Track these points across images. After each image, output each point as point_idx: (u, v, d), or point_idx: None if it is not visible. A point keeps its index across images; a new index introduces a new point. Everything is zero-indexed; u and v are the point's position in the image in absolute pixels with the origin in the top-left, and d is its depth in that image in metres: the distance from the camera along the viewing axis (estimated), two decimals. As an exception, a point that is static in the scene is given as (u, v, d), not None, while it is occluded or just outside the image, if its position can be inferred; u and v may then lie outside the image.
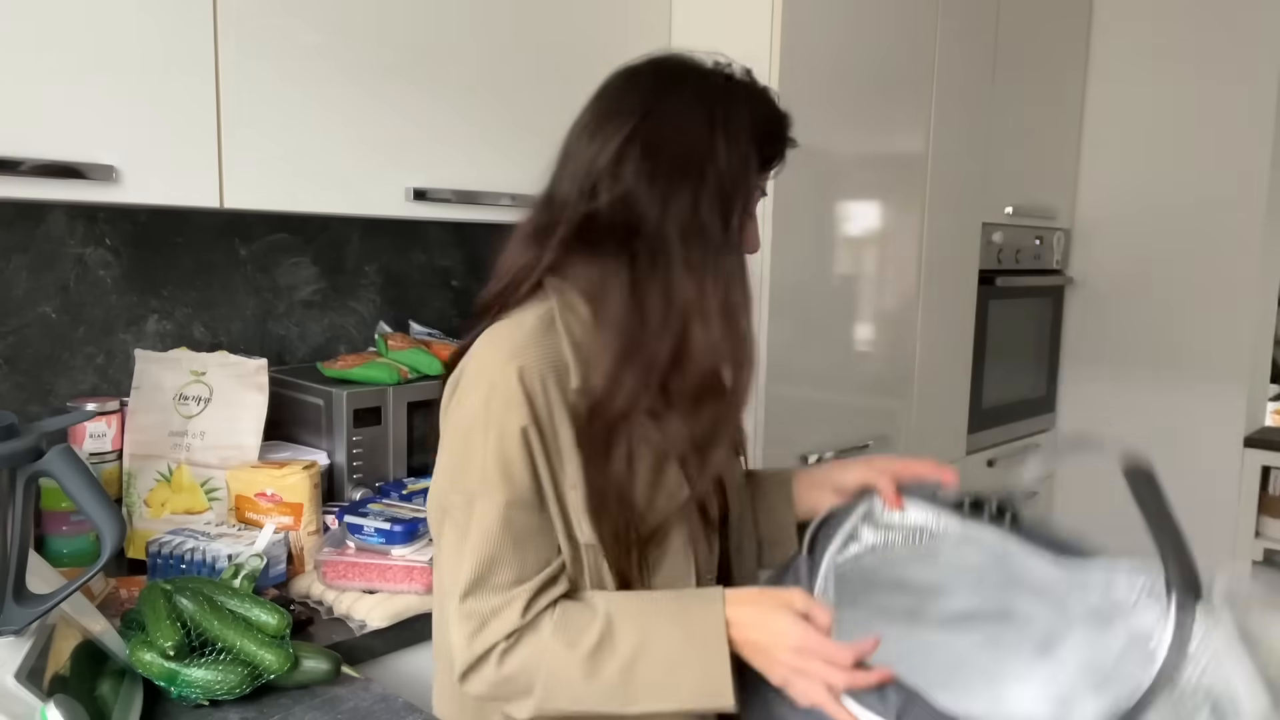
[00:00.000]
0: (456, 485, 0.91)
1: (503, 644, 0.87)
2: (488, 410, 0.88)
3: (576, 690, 0.87)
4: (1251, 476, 2.56)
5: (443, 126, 1.53)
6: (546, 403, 0.88)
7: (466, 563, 0.88)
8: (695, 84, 0.94)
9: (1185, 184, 2.62)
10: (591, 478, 0.89)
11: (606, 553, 0.91)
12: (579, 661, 0.86)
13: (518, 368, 0.88)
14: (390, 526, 1.30)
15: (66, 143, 1.14)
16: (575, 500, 0.90)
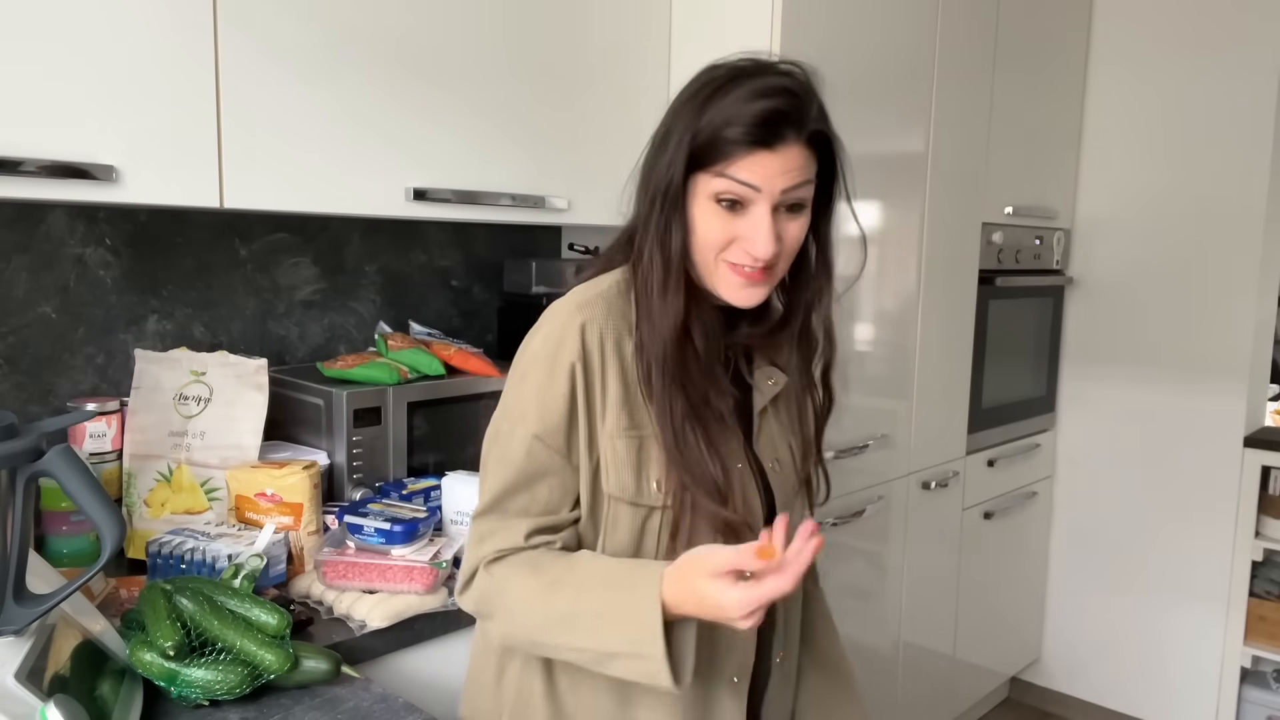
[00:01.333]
0: (505, 413, 1.01)
1: (491, 558, 0.97)
2: (545, 347, 0.99)
3: (533, 614, 0.94)
4: (1251, 476, 2.56)
5: (443, 127, 1.53)
6: (601, 354, 0.98)
7: (488, 484, 1.00)
8: (686, 90, 0.98)
9: (1185, 184, 2.62)
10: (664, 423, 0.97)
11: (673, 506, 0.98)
12: (538, 587, 0.94)
13: (581, 320, 0.98)
14: (390, 526, 1.30)
15: (66, 143, 1.15)
16: (612, 452, 0.97)
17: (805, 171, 0.95)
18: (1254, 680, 2.64)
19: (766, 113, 0.92)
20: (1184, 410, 2.66)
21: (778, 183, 0.93)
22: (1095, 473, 2.85)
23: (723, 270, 0.97)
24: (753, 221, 0.94)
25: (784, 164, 0.93)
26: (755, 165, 0.93)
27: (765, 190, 0.93)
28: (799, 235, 0.97)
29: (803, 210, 0.97)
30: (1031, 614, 2.94)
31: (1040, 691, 3.01)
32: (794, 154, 0.93)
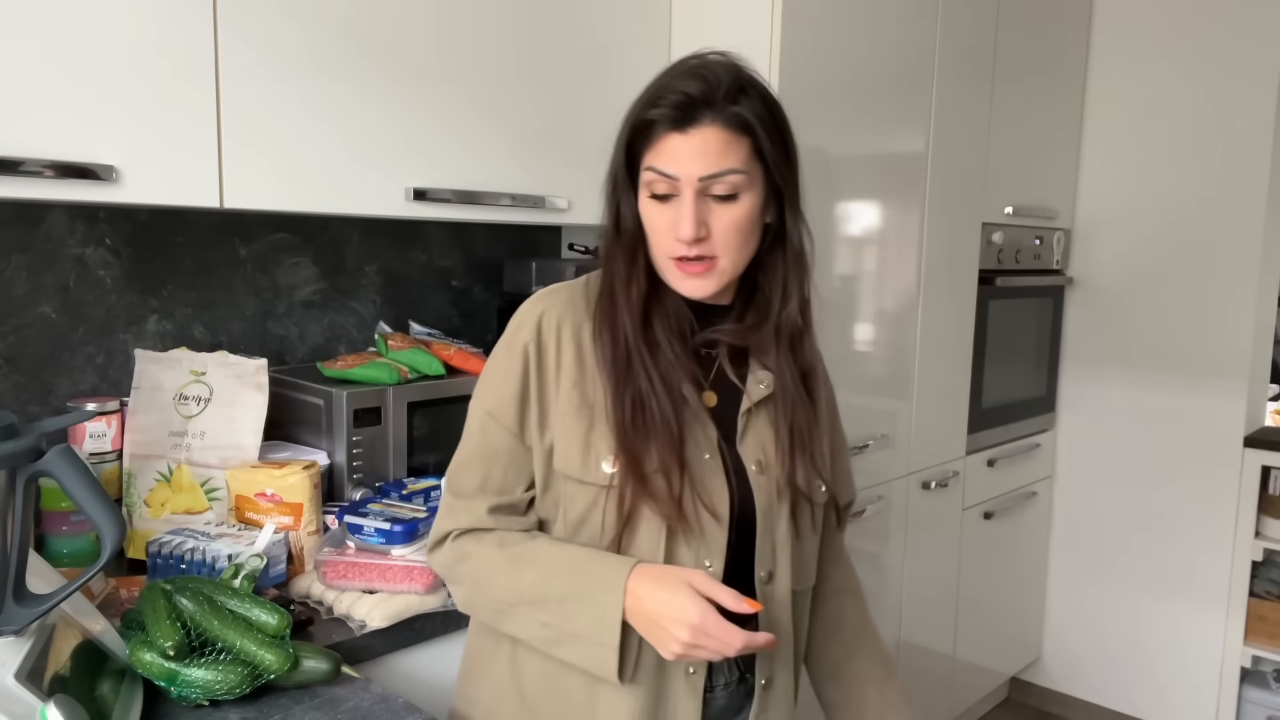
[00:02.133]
0: (473, 396, 1.07)
1: (458, 533, 1.03)
2: (506, 333, 1.05)
3: (498, 585, 0.99)
4: (1251, 476, 2.56)
5: (442, 126, 1.53)
6: (557, 337, 1.01)
7: (456, 455, 1.06)
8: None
9: (1185, 184, 2.63)
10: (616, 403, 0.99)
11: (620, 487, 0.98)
12: (506, 561, 0.99)
13: (541, 308, 1.03)
14: (390, 526, 1.30)
15: (66, 143, 1.15)
16: (563, 430, 1.00)
17: (726, 157, 0.94)
18: (1254, 680, 2.64)
19: (674, 94, 0.94)
20: (1184, 410, 2.66)
21: (693, 167, 0.93)
22: (1095, 473, 2.85)
23: (669, 264, 0.99)
24: (677, 208, 0.95)
25: (698, 147, 0.93)
26: (671, 150, 0.94)
27: (683, 176, 0.94)
28: (734, 224, 0.96)
29: (735, 200, 0.95)
30: (1031, 614, 2.94)
31: (1040, 691, 3.01)
32: (710, 137, 0.93)
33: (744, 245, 0.99)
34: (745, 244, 0.99)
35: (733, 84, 0.95)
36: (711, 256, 0.97)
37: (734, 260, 0.99)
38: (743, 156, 0.95)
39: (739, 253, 0.99)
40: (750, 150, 0.95)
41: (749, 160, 0.95)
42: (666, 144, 0.95)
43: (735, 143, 0.94)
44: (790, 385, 1.05)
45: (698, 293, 1.00)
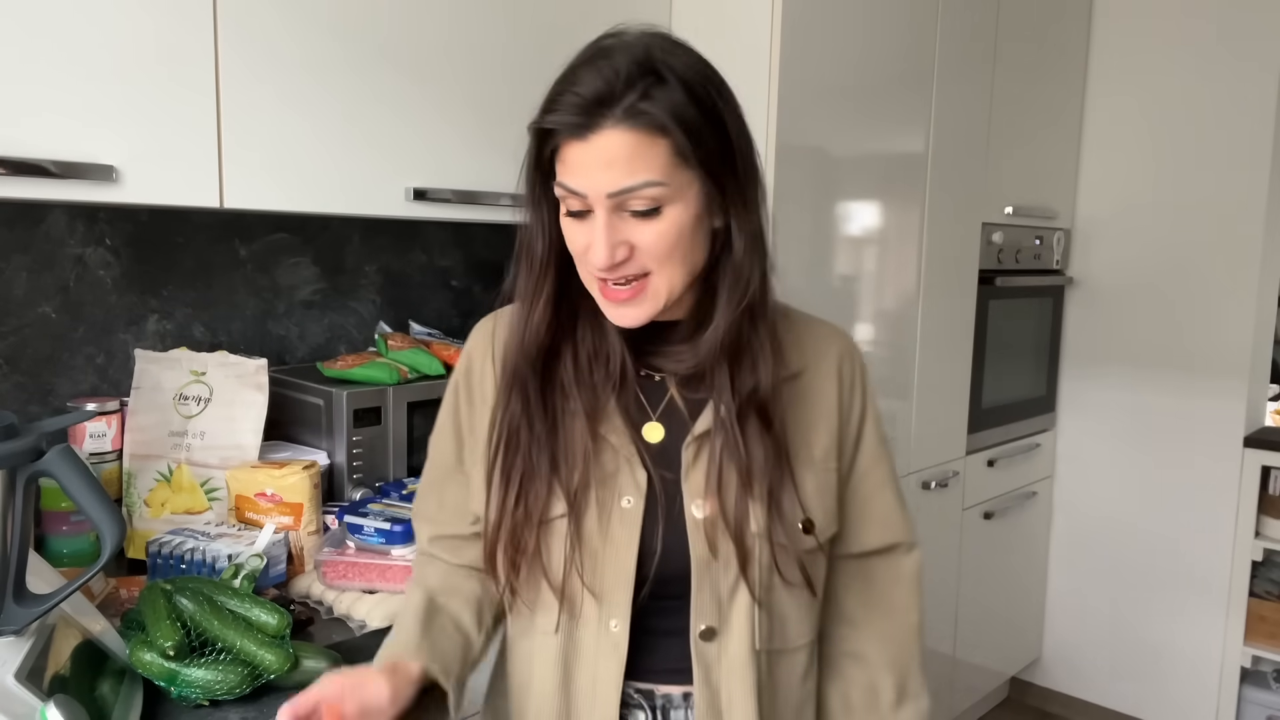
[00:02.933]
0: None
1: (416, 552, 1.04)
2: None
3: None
4: (1251, 476, 2.56)
5: (443, 126, 1.53)
6: (485, 366, 0.95)
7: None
8: None
9: (1185, 184, 2.63)
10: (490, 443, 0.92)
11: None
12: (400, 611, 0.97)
13: (480, 331, 0.99)
14: (390, 526, 1.30)
15: (67, 143, 1.14)
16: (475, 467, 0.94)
17: (636, 166, 0.78)
18: (1254, 680, 2.64)
19: (569, 94, 0.79)
20: (1184, 410, 2.66)
21: (599, 182, 0.78)
22: (1095, 473, 2.85)
23: (595, 289, 0.86)
24: (591, 226, 0.81)
25: (601, 156, 0.78)
26: (574, 160, 0.80)
27: (590, 193, 0.79)
28: (659, 241, 0.81)
29: (657, 214, 0.80)
30: (1031, 614, 2.94)
31: (1040, 691, 3.01)
32: (614, 142, 0.77)
33: (682, 259, 0.83)
34: (684, 257, 0.83)
35: (636, 72, 0.78)
36: (642, 274, 0.82)
37: (670, 277, 0.83)
38: (660, 162, 0.78)
39: (676, 267, 0.83)
40: (670, 152, 0.79)
41: (670, 165, 0.79)
42: (568, 155, 0.81)
43: (648, 146, 0.78)
44: (729, 413, 0.87)
45: (628, 321, 0.85)
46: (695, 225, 0.83)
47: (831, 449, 0.94)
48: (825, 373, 0.94)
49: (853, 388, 0.96)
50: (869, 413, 0.97)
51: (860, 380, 0.97)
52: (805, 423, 0.92)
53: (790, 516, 0.88)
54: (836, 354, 0.95)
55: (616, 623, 0.88)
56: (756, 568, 0.88)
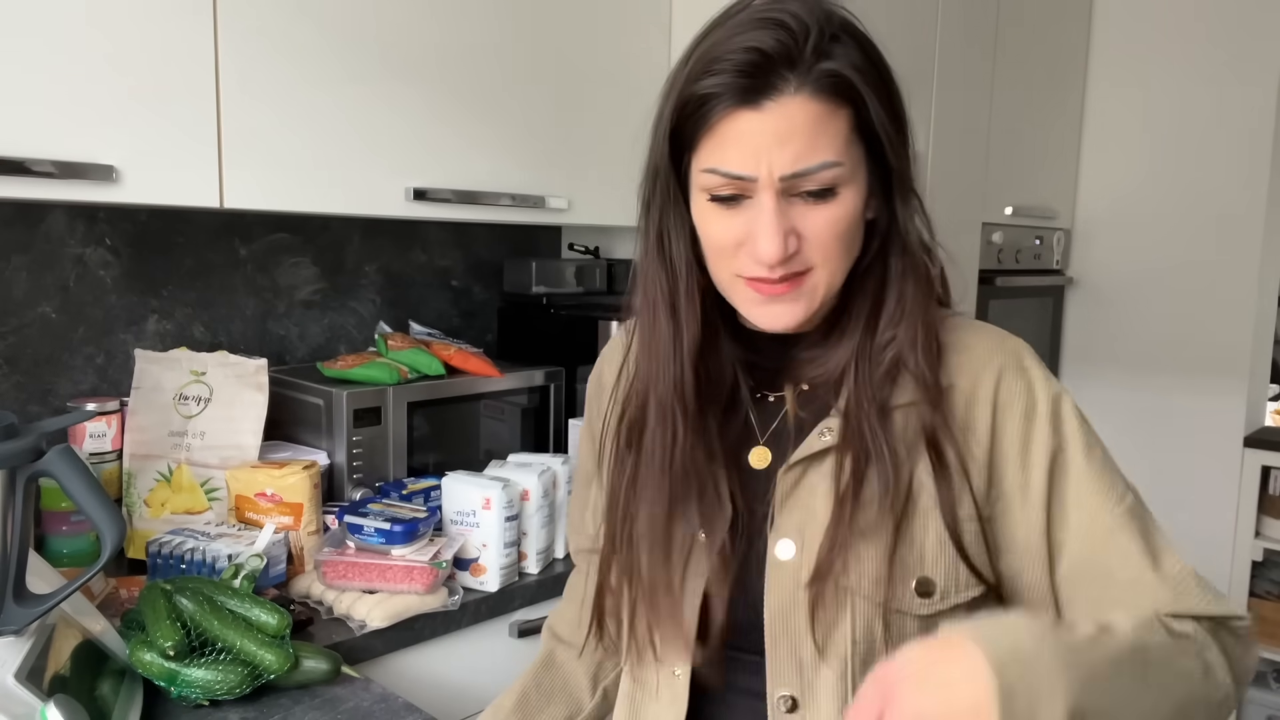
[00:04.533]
0: None
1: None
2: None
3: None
4: (1251, 476, 2.56)
5: (443, 126, 1.53)
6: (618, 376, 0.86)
7: None
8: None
9: (1185, 184, 2.62)
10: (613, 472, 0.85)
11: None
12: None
13: (618, 339, 0.90)
14: (390, 526, 1.30)
15: (66, 143, 1.14)
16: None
17: (819, 142, 0.67)
18: (1254, 680, 2.64)
19: (737, 52, 0.66)
20: (1184, 410, 2.66)
21: (775, 159, 0.67)
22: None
23: (739, 286, 0.74)
24: (752, 216, 0.70)
25: (778, 127, 0.67)
26: (738, 136, 0.68)
27: (760, 176, 0.68)
28: (832, 229, 0.70)
29: (832, 196, 0.70)
30: (1031, 614, 2.94)
31: (1040, 691, 3.01)
32: (794, 112, 0.66)
33: (846, 251, 0.73)
34: (847, 250, 0.73)
35: (823, 28, 0.67)
36: (803, 270, 0.72)
37: (832, 272, 0.73)
38: (842, 136, 0.68)
39: (839, 262, 0.73)
40: (850, 125, 0.69)
41: (849, 139, 0.69)
42: (731, 127, 0.68)
43: (832, 118, 0.68)
44: (864, 430, 0.73)
45: (780, 323, 0.74)
46: (861, 215, 0.73)
47: (965, 488, 0.73)
48: (978, 395, 0.75)
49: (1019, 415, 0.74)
50: (1058, 446, 0.73)
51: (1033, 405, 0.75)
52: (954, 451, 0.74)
53: (902, 573, 0.72)
54: (996, 371, 0.77)
55: (680, 670, 0.79)
56: (849, 631, 0.72)
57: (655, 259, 0.78)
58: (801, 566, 0.73)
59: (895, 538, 0.71)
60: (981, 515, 0.74)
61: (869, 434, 0.73)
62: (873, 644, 0.72)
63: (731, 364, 0.80)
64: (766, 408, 0.81)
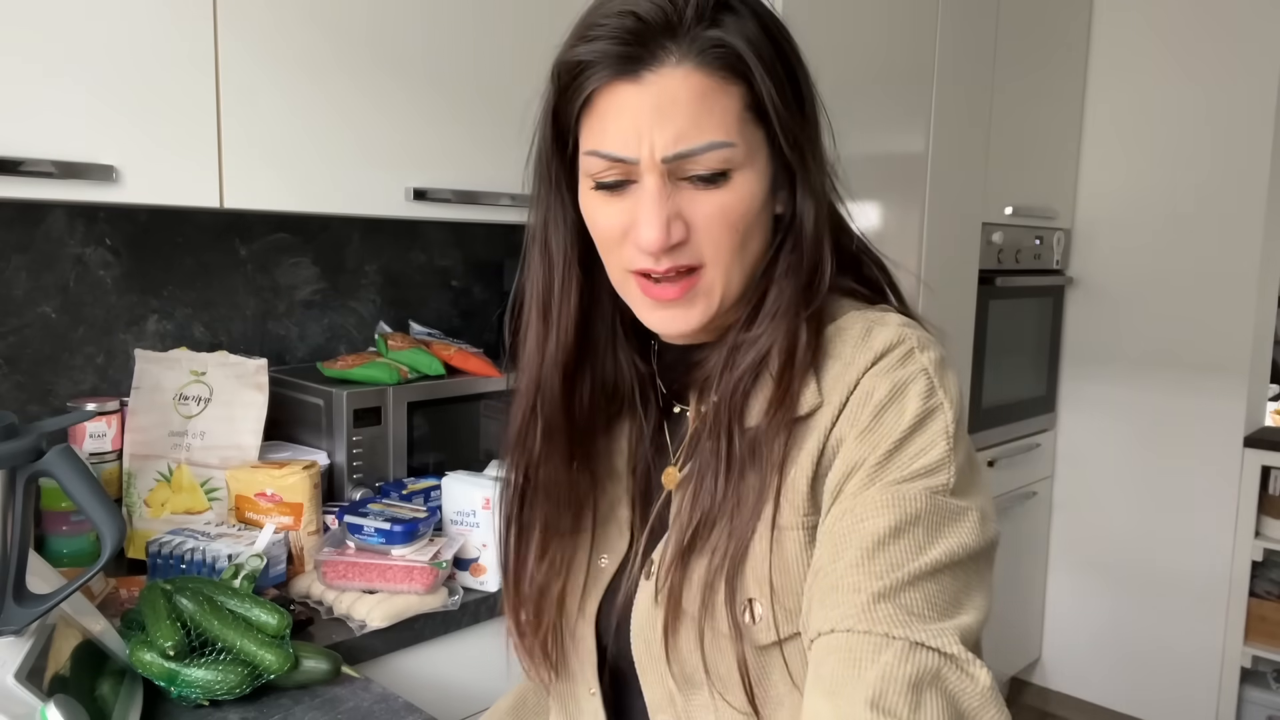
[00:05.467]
0: None
1: None
2: None
3: None
4: (1251, 476, 2.56)
5: (443, 126, 1.53)
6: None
7: None
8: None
9: (1185, 184, 2.63)
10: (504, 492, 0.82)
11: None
12: None
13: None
14: (390, 526, 1.30)
15: (66, 143, 1.14)
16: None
17: (704, 118, 0.61)
18: (1254, 680, 2.64)
19: (612, 15, 0.61)
20: (1184, 410, 2.66)
21: (656, 138, 0.61)
22: (1095, 473, 2.85)
23: (630, 285, 0.68)
24: (636, 201, 0.64)
25: (659, 102, 0.61)
26: (617, 109, 0.62)
27: (642, 158, 0.62)
28: (723, 215, 0.64)
29: (725, 180, 0.63)
30: (1031, 614, 2.94)
31: (1040, 691, 3.01)
32: (675, 85, 0.61)
33: (741, 247, 0.66)
34: (743, 245, 0.66)
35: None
36: (694, 266, 0.65)
37: (726, 270, 0.66)
38: (732, 117, 0.62)
39: (734, 257, 0.66)
40: (743, 103, 0.63)
41: (742, 119, 0.63)
42: (609, 102, 0.62)
43: (720, 93, 0.62)
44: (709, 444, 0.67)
45: (674, 328, 0.68)
46: (761, 203, 0.66)
47: (805, 500, 0.66)
48: (838, 392, 0.66)
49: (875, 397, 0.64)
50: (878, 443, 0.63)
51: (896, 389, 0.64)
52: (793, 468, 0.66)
53: (731, 594, 0.65)
54: (862, 367, 0.66)
55: (594, 690, 0.76)
56: (699, 661, 0.66)
57: (537, 254, 0.73)
58: (656, 588, 0.69)
59: (726, 558, 0.65)
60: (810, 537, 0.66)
61: (714, 453, 0.67)
62: (732, 677, 0.66)
63: (632, 375, 0.75)
64: (679, 422, 0.75)
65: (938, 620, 0.56)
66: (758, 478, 0.65)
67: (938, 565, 0.58)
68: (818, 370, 0.67)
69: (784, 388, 0.66)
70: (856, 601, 0.57)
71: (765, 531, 0.65)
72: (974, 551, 0.60)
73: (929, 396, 0.64)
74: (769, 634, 0.65)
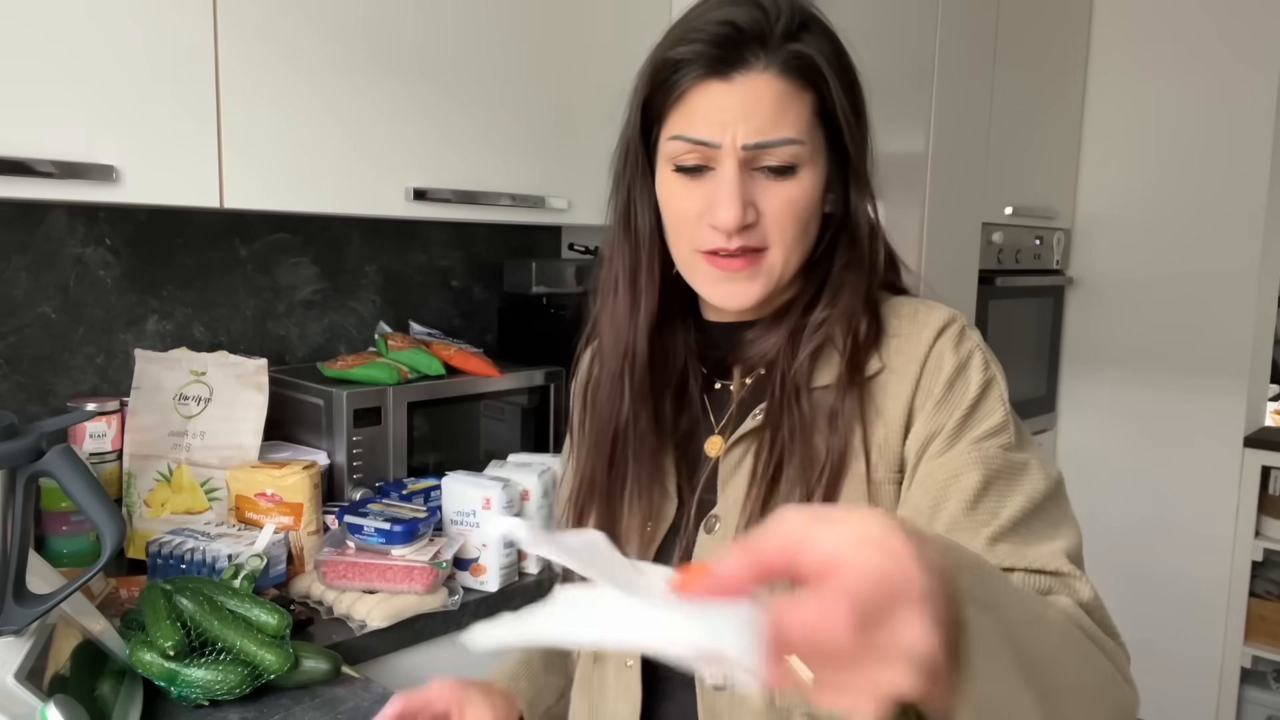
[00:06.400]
0: None
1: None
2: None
3: None
4: (1251, 476, 2.56)
5: (443, 126, 1.53)
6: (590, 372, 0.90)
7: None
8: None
9: (1185, 184, 2.63)
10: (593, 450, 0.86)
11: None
12: None
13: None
14: (390, 526, 1.30)
15: (66, 143, 1.14)
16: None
17: (784, 117, 0.71)
18: (1254, 680, 2.64)
19: (712, 25, 0.71)
20: (1184, 410, 2.66)
21: (739, 129, 0.71)
22: (1095, 472, 2.85)
23: (698, 263, 0.76)
24: (714, 185, 0.73)
25: (744, 99, 0.71)
26: (706, 105, 0.71)
27: (724, 143, 0.71)
28: (789, 207, 0.73)
29: (792, 174, 0.73)
30: (1031, 614, 2.94)
31: (1040, 691, 3.01)
32: (761, 87, 0.71)
33: (802, 235, 0.76)
34: (804, 233, 0.76)
35: (795, 14, 0.72)
36: (759, 248, 0.74)
37: (787, 254, 0.75)
38: (804, 119, 0.73)
39: (795, 244, 0.75)
40: (814, 109, 0.73)
41: (812, 123, 0.73)
42: (700, 96, 0.72)
43: (796, 98, 0.72)
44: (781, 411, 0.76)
45: (736, 300, 0.76)
46: (819, 199, 0.76)
47: (881, 459, 0.75)
48: (908, 374, 0.75)
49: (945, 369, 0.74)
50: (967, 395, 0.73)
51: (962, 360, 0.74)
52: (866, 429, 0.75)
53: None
54: (924, 350, 0.75)
55: (632, 661, 0.79)
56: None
57: (621, 232, 0.81)
58: (724, 541, 0.76)
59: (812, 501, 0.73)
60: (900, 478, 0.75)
61: (785, 414, 0.75)
62: None
63: (684, 351, 0.83)
64: (721, 397, 0.83)
65: (1044, 545, 0.68)
66: (835, 437, 0.74)
67: (1026, 509, 0.69)
68: (877, 343, 0.77)
69: (852, 359, 0.75)
70: (975, 544, 0.67)
71: (860, 485, 0.74)
72: (1048, 492, 0.71)
73: (986, 369, 0.75)
74: None
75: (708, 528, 0.78)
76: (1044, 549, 0.68)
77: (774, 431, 0.75)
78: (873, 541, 0.40)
